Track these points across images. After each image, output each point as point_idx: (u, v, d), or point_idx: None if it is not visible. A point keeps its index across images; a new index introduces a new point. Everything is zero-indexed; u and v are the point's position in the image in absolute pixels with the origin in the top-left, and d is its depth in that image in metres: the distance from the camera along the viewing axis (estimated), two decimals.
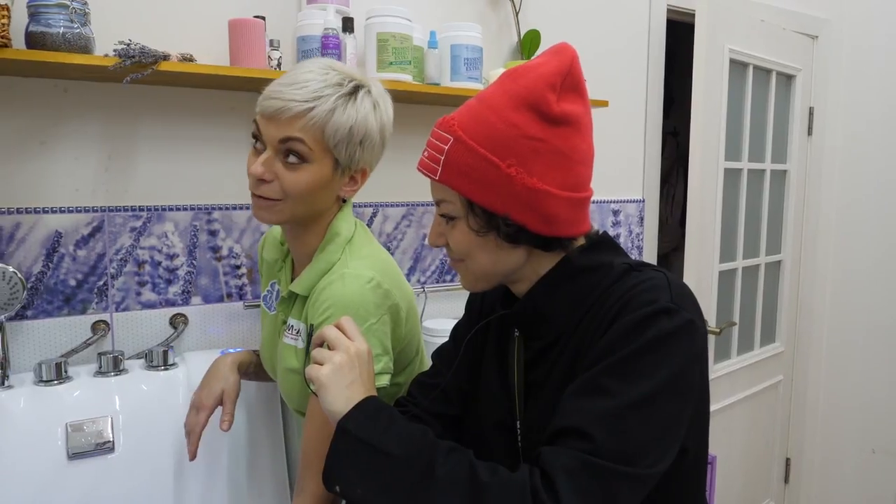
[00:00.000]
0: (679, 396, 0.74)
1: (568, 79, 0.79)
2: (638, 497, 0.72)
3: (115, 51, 1.26)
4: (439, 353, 1.06)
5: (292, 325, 1.08)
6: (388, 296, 1.02)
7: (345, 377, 0.80)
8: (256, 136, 1.00)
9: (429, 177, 0.83)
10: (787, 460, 2.82)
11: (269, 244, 1.23)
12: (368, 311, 0.98)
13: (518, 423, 0.88)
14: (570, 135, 0.79)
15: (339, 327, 0.86)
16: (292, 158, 0.98)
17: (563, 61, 0.80)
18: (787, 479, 2.82)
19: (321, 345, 0.86)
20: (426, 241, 0.88)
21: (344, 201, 1.10)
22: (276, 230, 1.23)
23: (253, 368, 1.28)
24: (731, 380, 2.37)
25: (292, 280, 1.13)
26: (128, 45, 1.27)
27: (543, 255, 0.84)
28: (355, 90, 1.00)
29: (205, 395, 1.18)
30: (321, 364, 0.82)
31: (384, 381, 1.01)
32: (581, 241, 0.86)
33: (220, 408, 1.18)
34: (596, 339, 0.77)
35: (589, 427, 0.70)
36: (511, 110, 0.78)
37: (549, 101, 0.78)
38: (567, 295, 0.84)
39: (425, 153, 0.84)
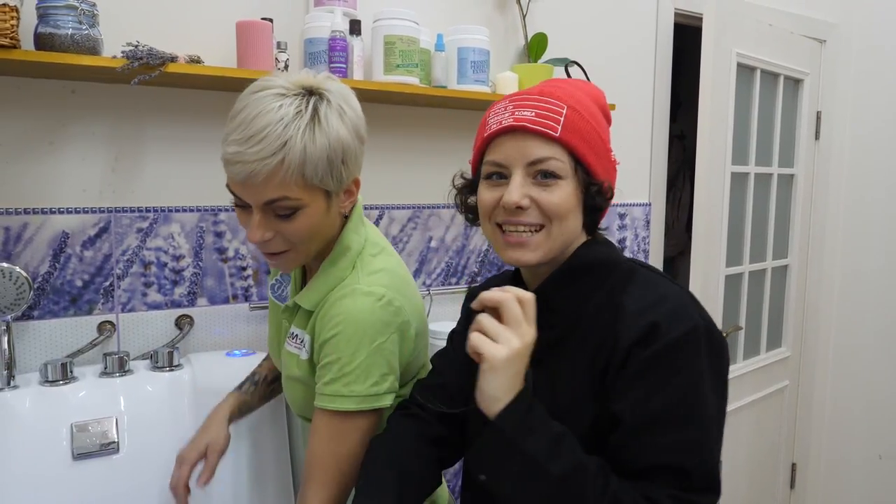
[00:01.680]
0: (722, 406, 0.81)
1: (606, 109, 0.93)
2: None
3: (123, 52, 1.27)
4: (439, 356, 1.06)
5: (296, 335, 1.06)
6: (398, 313, 0.99)
7: (516, 365, 0.76)
8: (236, 197, 0.93)
9: (545, 133, 0.81)
10: (794, 465, 2.80)
11: None
12: (378, 329, 0.96)
13: None
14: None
15: (520, 302, 0.78)
16: (283, 212, 0.91)
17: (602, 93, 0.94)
18: (793, 485, 2.80)
19: (482, 310, 0.80)
20: (503, 202, 0.85)
21: (346, 217, 1.05)
22: None
23: (245, 408, 1.24)
24: (736, 384, 2.36)
25: (301, 285, 1.10)
26: (136, 46, 1.27)
27: (578, 237, 0.87)
28: (315, 109, 0.90)
29: (189, 449, 1.14)
30: (494, 340, 0.76)
31: (389, 400, 0.99)
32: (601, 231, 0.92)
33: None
34: (618, 354, 0.78)
35: (680, 461, 0.75)
36: (590, 101, 0.88)
37: (606, 106, 0.92)
38: (577, 289, 0.85)
39: (531, 114, 0.82)
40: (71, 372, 1.30)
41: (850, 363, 2.72)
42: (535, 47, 1.88)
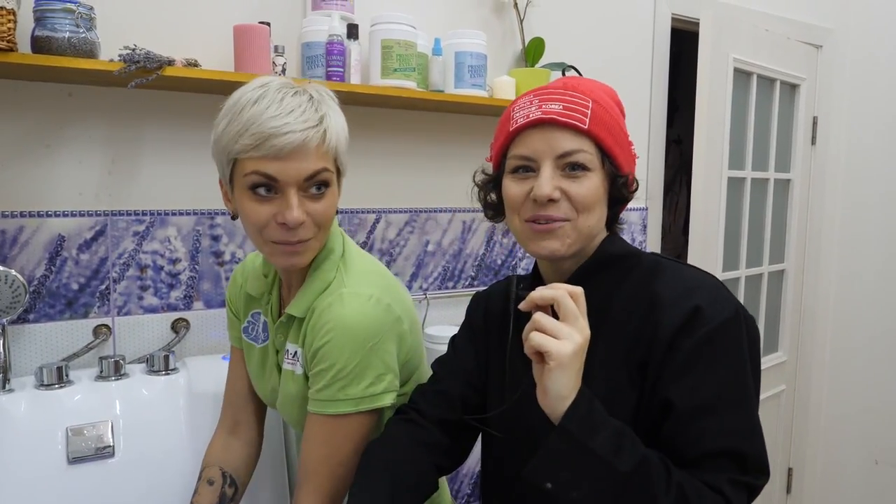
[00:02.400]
0: (758, 387, 0.83)
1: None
2: None
3: (120, 56, 1.27)
4: (440, 362, 1.05)
5: (289, 350, 1.05)
6: (389, 311, 0.99)
7: (580, 361, 0.75)
8: (262, 184, 0.89)
9: (574, 126, 0.82)
10: (790, 470, 2.80)
11: (252, 279, 1.12)
12: (370, 330, 0.96)
13: None
14: None
15: (574, 298, 0.76)
16: (317, 190, 0.91)
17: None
18: (789, 490, 2.80)
19: (537, 307, 0.78)
20: (533, 194, 0.83)
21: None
22: (251, 262, 1.15)
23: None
24: None
25: (281, 306, 1.08)
26: (133, 50, 1.27)
27: (602, 229, 0.89)
28: (321, 100, 0.92)
29: None
30: (556, 337, 0.74)
31: (389, 399, 0.99)
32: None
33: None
34: (662, 339, 0.79)
35: (737, 445, 0.76)
36: (608, 97, 0.89)
37: (620, 103, 0.93)
38: (604, 281, 0.87)
39: (559, 107, 0.83)
40: (66, 375, 1.29)
41: (847, 368, 2.72)
42: (533, 52, 1.89)
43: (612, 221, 0.92)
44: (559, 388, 0.74)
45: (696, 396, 0.77)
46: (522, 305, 0.78)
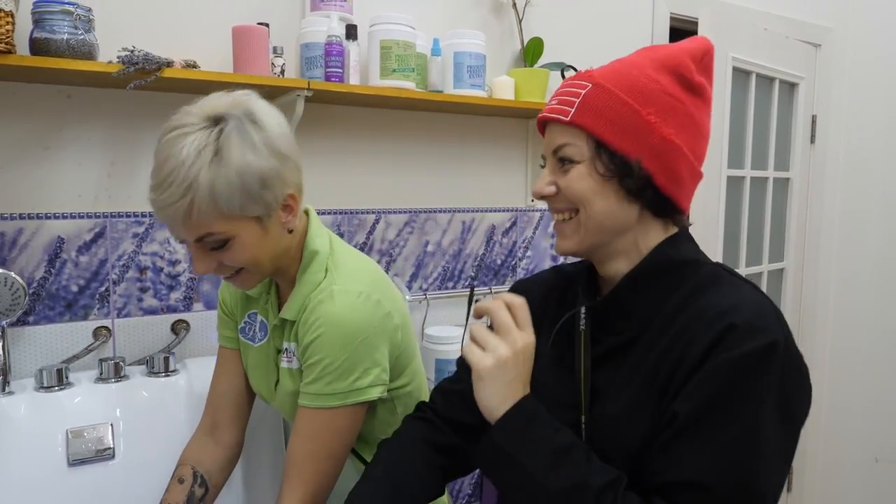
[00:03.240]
0: (789, 431, 0.74)
1: (705, 58, 0.83)
2: None
3: (118, 57, 1.26)
4: (462, 360, 1.03)
5: (287, 349, 1.07)
6: (378, 306, 1.00)
7: (508, 373, 0.74)
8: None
9: (557, 120, 0.81)
10: (790, 469, 2.80)
11: None
12: (359, 326, 0.97)
13: (583, 422, 0.83)
14: (701, 107, 0.82)
15: (511, 309, 0.77)
16: (215, 245, 0.92)
17: (703, 44, 0.83)
18: (789, 488, 2.81)
19: (479, 317, 0.80)
20: (531, 193, 0.86)
21: (290, 231, 1.00)
22: None
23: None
24: None
25: (279, 306, 1.10)
26: (131, 51, 1.27)
27: (650, 225, 0.82)
28: (218, 140, 0.88)
29: None
30: (482, 348, 0.75)
31: (376, 392, 1.00)
32: (686, 219, 0.85)
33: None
34: (691, 355, 0.73)
35: (707, 477, 0.69)
36: (653, 70, 0.80)
37: (690, 68, 0.80)
38: (656, 290, 0.81)
39: (553, 102, 0.82)
40: (66, 378, 1.29)
41: (847, 366, 2.72)
42: (532, 52, 1.89)
43: (669, 214, 0.82)
44: (483, 399, 0.75)
45: (695, 417, 0.71)
46: (473, 313, 0.81)
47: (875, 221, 2.61)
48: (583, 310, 0.85)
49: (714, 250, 2.22)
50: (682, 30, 2.37)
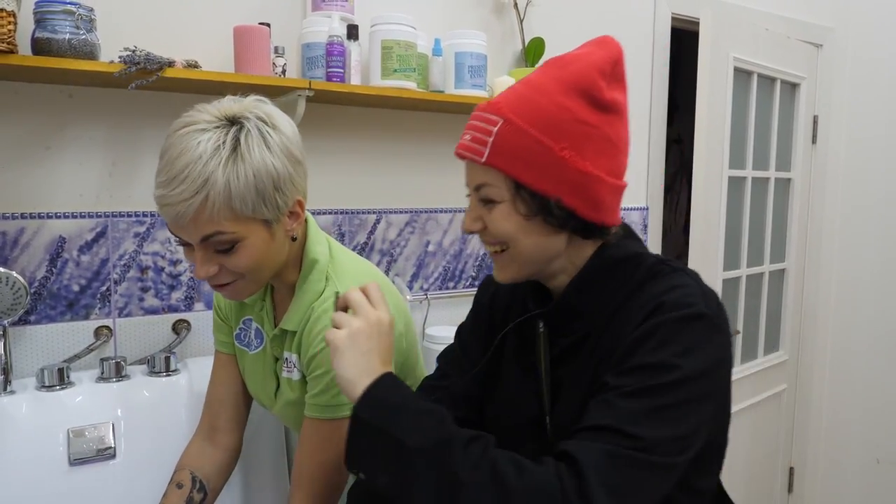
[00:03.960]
0: (708, 395, 0.75)
1: (616, 68, 0.81)
2: (668, 487, 0.71)
3: (120, 57, 1.27)
4: (445, 356, 1.04)
5: (287, 358, 1.05)
6: None
7: (362, 344, 0.78)
8: (176, 238, 0.92)
9: (472, 160, 0.80)
10: (791, 469, 2.80)
11: None
12: None
13: (547, 418, 0.86)
14: (616, 123, 0.80)
15: (364, 292, 0.83)
16: (222, 247, 0.89)
17: (611, 51, 0.81)
18: (790, 489, 2.80)
19: (345, 310, 0.83)
20: (462, 228, 0.85)
21: (294, 239, 1.00)
22: None
23: None
24: (734, 388, 2.33)
25: (276, 314, 1.09)
26: (133, 51, 1.27)
27: (581, 245, 0.84)
28: (236, 140, 0.87)
29: None
30: (338, 327, 0.79)
31: None
32: (614, 230, 0.85)
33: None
34: (626, 334, 0.77)
35: (620, 423, 0.69)
36: (562, 95, 0.77)
37: (600, 87, 0.78)
38: (602, 289, 0.83)
39: (467, 137, 0.81)
40: (67, 377, 1.29)
41: (848, 367, 2.72)
42: (533, 52, 1.89)
43: (592, 233, 0.82)
44: (340, 369, 0.77)
45: (616, 382, 0.73)
46: (336, 306, 0.86)
47: (876, 222, 2.61)
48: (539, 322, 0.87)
49: (715, 251, 2.22)
50: (683, 30, 2.37)
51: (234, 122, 0.89)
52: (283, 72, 1.48)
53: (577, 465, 0.67)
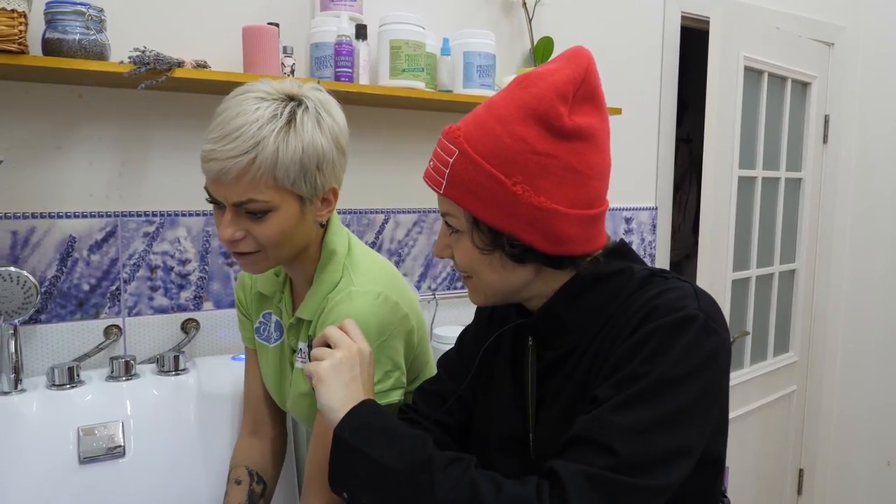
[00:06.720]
0: (704, 408, 0.72)
1: (582, 88, 0.75)
2: None
3: (130, 58, 1.27)
4: (443, 361, 1.04)
5: (302, 349, 1.07)
6: (396, 309, 1.00)
7: (344, 374, 0.80)
8: (210, 198, 0.94)
9: (433, 189, 0.80)
10: (801, 471, 2.78)
11: (263, 277, 1.14)
12: (378, 328, 0.97)
13: (531, 434, 0.86)
14: (583, 149, 0.75)
15: (342, 328, 0.85)
16: (253, 212, 0.91)
17: (577, 69, 0.75)
18: (800, 491, 2.79)
19: (325, 345, 0.85)
20: (432, 251, 0.86)
21: (322, 226, 1.03)
22: None
23: None
24: (744, 390, 2.35)
25: (294, 305, 1.10)
26: (143, 52, 1.27)
27: (553, 274, 0.81)
28: (293, 114, 0.90)
29: None
30: (319, 360, 0.81)
31: (397, 396, 0.99)
32: (591, 257, 0.81)
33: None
34: (617, 345, 0.74)
35: (611, 440, 0.68)
36: (519, 123, 0.73)
37: (559, 114, 0.73)
38: (588, 304, 0.81)
39: (431, 163, 0.80)
40: (77, 376, 1.30)
41: (858, 368, 2.70)
42: (542, 51, 1.88)
43: (561, 264, 0.79)
44: (325, 400, 0.78)
45: (605, 393, 0.71)
46: (316, 339, 0.87)
47: (887, 222, 2.59)
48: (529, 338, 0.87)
49: (725, 251, 2.21)
50: (693, 28, 2.36)
51: (293, 98, 0.92)
52: (292, 72, 1.49)
53: (560, 486, 0.67)
